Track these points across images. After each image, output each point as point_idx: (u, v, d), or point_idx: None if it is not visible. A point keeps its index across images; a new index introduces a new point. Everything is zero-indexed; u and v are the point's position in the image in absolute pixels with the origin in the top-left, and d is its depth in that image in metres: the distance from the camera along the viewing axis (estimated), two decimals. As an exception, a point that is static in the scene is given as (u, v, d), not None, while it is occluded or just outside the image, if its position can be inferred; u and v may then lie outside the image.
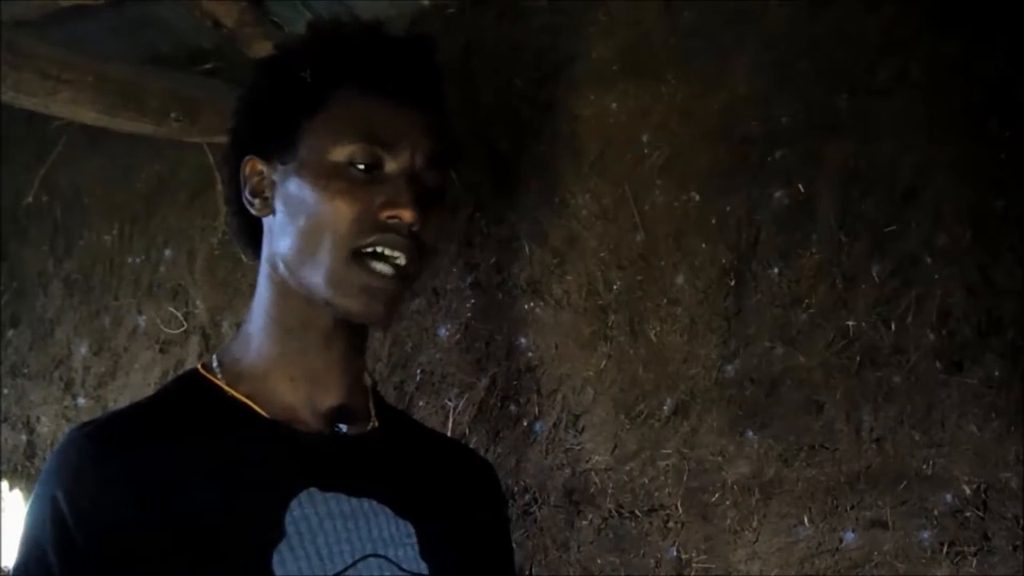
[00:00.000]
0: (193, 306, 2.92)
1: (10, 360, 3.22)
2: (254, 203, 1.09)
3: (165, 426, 1.04)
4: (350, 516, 1.02)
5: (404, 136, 1.05)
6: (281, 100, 1.08)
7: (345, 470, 1.06)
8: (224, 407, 1.06)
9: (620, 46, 2.44)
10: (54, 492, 0.98)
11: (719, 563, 2.17)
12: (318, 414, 1.08)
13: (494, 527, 1.20)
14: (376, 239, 1.02)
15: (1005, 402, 1.96)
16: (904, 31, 2.14)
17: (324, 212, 1.03)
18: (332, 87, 1.07)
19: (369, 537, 1.02)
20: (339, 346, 1.09)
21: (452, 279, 2.53)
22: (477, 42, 2.60)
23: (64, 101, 2.31)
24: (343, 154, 1.04)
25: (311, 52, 1.09)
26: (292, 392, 1.07)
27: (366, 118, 1.05)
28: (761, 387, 2.18)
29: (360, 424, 1.11)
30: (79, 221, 3.18)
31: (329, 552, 1.00)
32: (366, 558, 1.01)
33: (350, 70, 1.07)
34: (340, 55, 1.08)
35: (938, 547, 1.97)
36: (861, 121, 2.15)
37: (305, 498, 1.01)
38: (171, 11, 2.80)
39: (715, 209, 2.27)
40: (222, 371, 1.09)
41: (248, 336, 1.10)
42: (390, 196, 1.03)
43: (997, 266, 2.01)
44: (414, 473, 1.12)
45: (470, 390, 2.49)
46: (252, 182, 1.09)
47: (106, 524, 0.96)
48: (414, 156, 1.05)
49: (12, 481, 3.10)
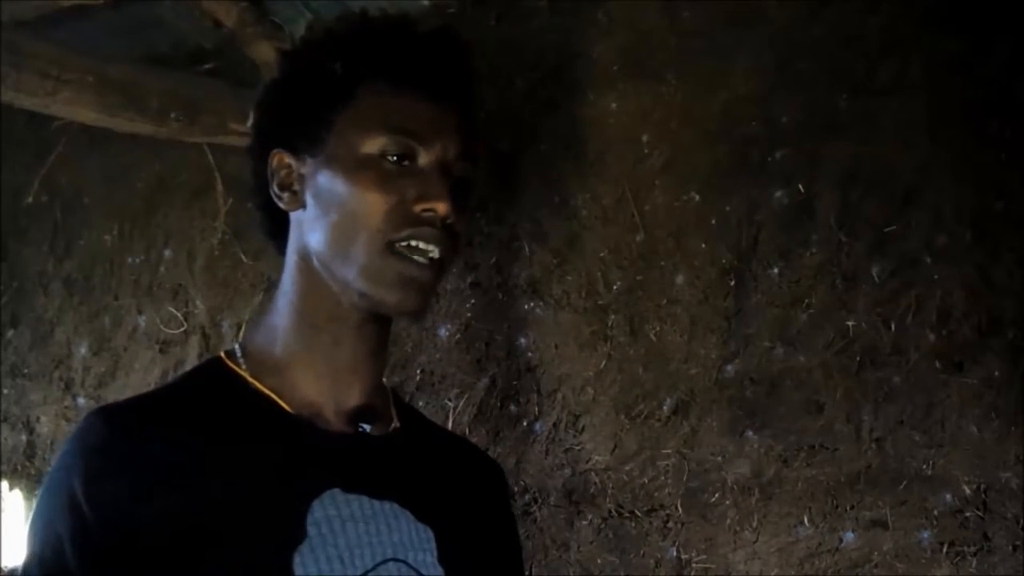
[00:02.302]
0: (193, 306, 2.92)
1: (10, 360, 3.22)
2: (283, 197, 1.07)
3: (187, 415, 1.02)
4: (372, 518, 1.01)
5: (436, 129, 1.05)
6: (309, 93, 1.06)
7: (368, 471, 1.04)
8: (248, 399, 1.05)
9: (620, 46, 2.44)
10: (71, 477, 0.96)
11: (719, 563, 2.17)
12: (342, 413, 1.07)
13: (505, 529, 1.20)
14: (411, 232, 1.01)
15: (1005, 402, 1.96)
16: (904, 31, 2.14)
17: (357, 205, 1.02)
18: (362, 80, 1.06)
19: (390, 541, 1.01)
20: (366, 344, 1.07)
21: (452, 279, 2.53)
22: (477, 42, 2.57)
23: (64, 101, 2.31)
24: (375, 146, 1.03)
25: (339, 45, 1.08)
26: (317, 389, 1.06)
27: (398, 111, 1.04)
28: (761, 387, 2.18)
29: (382, 425, 1.10)
30: (79, 221, 3.18)
31: (350, 555, 0.98)
32: (386, 562, 1.00)
33: (380, 63, 1.06)
34: (370, 48, 1.07)
35: (938, 547, 1.97)
36: (861, 121, 2.15)
37: (328, 499, 1.00)
38: (171, 11, 2.80)
39: (715, 209, 2.27)
40: (246, 361, 1.07)
41: (273, 328, 1.08)
42: (424, 189, 1.02)
43: (997, 266, 2.01)
44: (433, 476, 1.11)
45: (470, 390, 2.49)
46: (280, 176, 1.07)
47: (123, 513, 0.95)
48: (446, 148, 1.05)
49: (12, 481, 3.10)
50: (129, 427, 1.00)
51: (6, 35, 2.18)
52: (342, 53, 1.07)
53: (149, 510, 0.95)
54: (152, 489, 0.96)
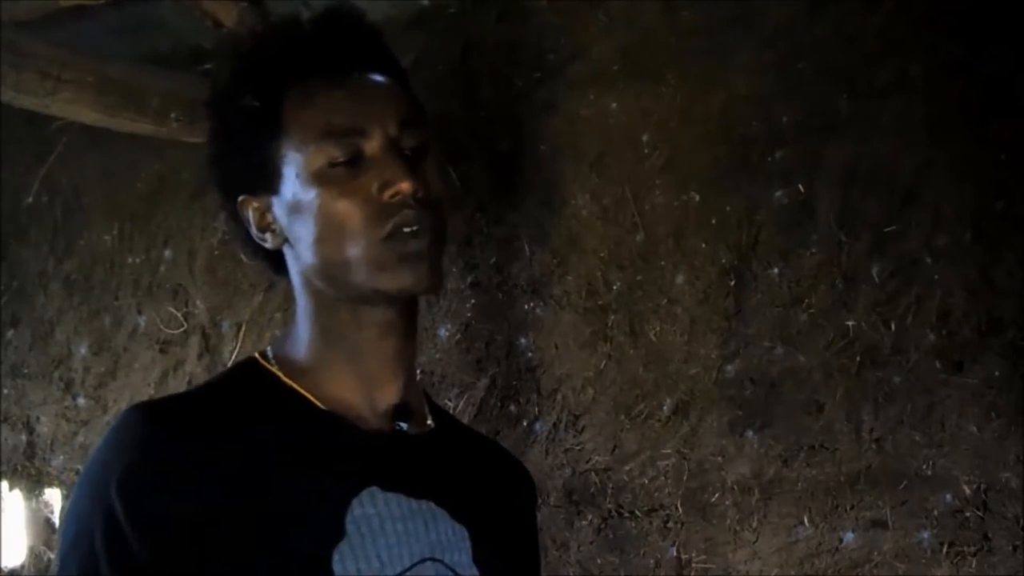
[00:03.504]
0: (193, 306, 2.92)
1: (10, 360, 3.21)
2: (266, 239, 1.07)
3: (225, 413, 1.02)
4: (410, 517, 1.01)
5: (368, 113, 1.03)
6: (241, 134, 1.06)
7: (405, 470, 1.04)
8: (285, 398, 1.04)
9: (620, 46, 2.44)
10: (107, 473, 0.96)
11: (719, 563, 2.17)
12: (378, 411, 1.06)
13: (530, 535, 1.20)
14: (392, 222, 1.01)
15: (1005, 402, 1.96)
16: (904, 31, 2.14)
17: (332, 218, 1.02)
18: (281, 99, 1.04)
19: (427, 540, 1.01)
20: (392, 343, 1.07)
21: (452, 279, 2.53)
22: (477, 42, 2.60)
23: (64, 101, 2.31)
24: (320, 158, 1.02)
25: (243, 75, 1.06)
26: (351, 390, 1.06)
27: (324, 115, 1.03)
28: (761, 387, 2.18)
29: (418, 423, 1.10)
30: (79, 221, 3.18)
31: (388, 554, 0.99)
32: (424, 561, 1.00)
33: (288, 74, 1.04)
34: (274, 62, 1.05)
35: (938, 547, 1.97)
36: (861, 121, 2.15)
37: (367, 497, 1.00)
38: (171, 11, 2.80)
39: (715, 209, 2.27)
40: (278, 364, 1.07)
41: (299, 339, 1.08)
42: (383, 177, 1.01)
43: (997, 266, 2.01)
44: (468, 477, 1.11)
45: (470, 390, 2.49)
46: (255, 219, 1.07)
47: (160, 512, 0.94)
48: (386, 127, 1.03)
49: (12, 481, 3.10)
50: (167, 424, 0.99)
51: (6, 35, 2.17)
52: (250, 82, 1.05)
53: (187, 508, 0.94)
54: (190, 486, 0.95)
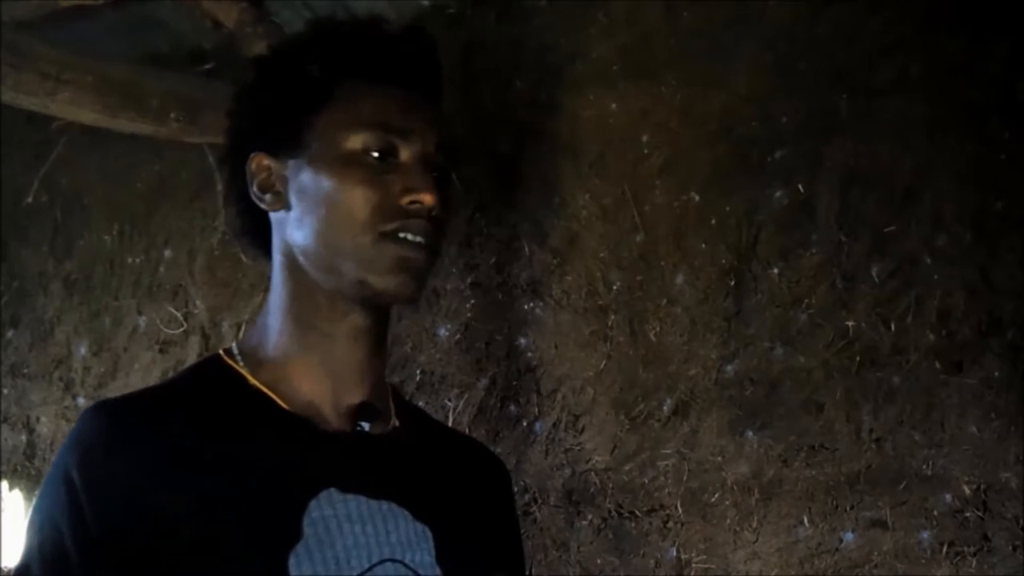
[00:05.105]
0: (193, 306, 2.92)
1: (10, 360, 3.21)
2: (264, 198, 1.09)
3: (184, 410, 1.02)
4: (368, 519, 1.01)
5: (414, 123, 1.07)
6: (287, 96, 1.08)
7: (365, 471, 1.05)
8: (246, 397, 1.05)
9: (620, 46, 2.44)
10: (69, 471, 0.97)
11: (719, 563, 2.17)
12: (340, 411, 1.07)
13: (507, 527, 1.20)
14: (399, 225, 1.03)
15: (1005, 402, 1.96)
16: (904, 31, 2.14)
17: (345, 200, 1.03)
18: (338, 81, 1.08)
19: (387, 541, 1.01)
20: (362, 341, 1.08)
21: (452, 279, 2.53)
22: (477, 42, 2.60)
23: (64, 101, 2.31)
24: (357, 142, 1.05)
25: (314, 48, 1.10)
26: (314, 387, 1.06)
27: (376, 107, 1.06)
28: (761, 387, 2.18)
29: (381, 423, 1.10)
30: (79, 221, 3.18)
31: (347, 555, 0.98)
32: (383, 562, 1.00)
33: (355, 62, 1.08)
34: (344, 49, 1.09)
35: (938, 547, 1.97)
36: (861, 121, 2.15)
37: (324, 499, 1.00)
38: (171, 11, 2.80)
39: (715, 209, 2.27)
40: (244, 360, 1.08)
41: (267, 328, 1.09)
42: (409, 182, 1.04)
43: (997, 266, 2.01)
44: (432, 475, 1.11)
45: (470, 390, 2.49)
46: (260, 178, 1.09)
47: (119, 507, 0.95)
48: (425, 142, 1.07)
49: (12, 481, 3.10)
50: (126, 421, 1.00)
51: (6, 35, 2.18)
52: (317, 55, 1.09)
53: (145, 505, 0.95)
54: (148, 484, 0.96)
